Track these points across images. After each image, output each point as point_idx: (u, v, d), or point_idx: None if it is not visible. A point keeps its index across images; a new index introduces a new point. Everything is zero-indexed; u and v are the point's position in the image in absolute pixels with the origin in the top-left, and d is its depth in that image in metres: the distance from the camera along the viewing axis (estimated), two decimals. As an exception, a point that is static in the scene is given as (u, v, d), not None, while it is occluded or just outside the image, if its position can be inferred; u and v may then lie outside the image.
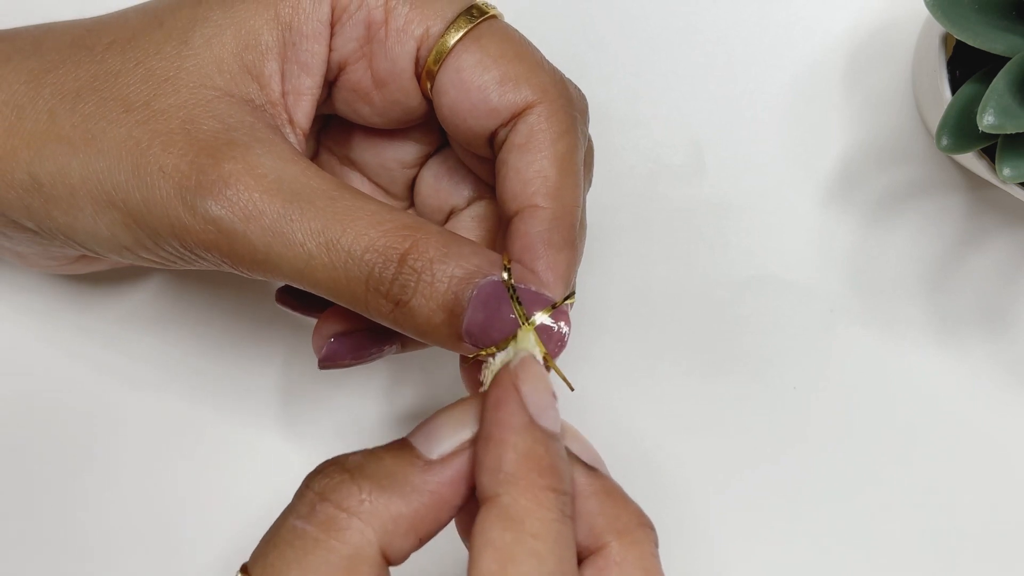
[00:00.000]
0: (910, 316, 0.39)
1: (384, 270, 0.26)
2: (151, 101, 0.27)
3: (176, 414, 0.38)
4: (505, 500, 0.24)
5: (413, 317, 0.27)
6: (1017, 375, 0.39)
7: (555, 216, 0.29)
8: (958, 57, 0.34)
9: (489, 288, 0.26)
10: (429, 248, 0.26)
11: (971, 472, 0.39)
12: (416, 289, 0.26)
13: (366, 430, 0.38)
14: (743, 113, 0.39)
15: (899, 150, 0.39)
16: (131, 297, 0.38)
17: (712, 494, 0.38)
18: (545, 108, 0.29)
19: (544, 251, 0.28)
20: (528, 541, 0.23)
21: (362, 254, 0.26)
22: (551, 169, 0.29)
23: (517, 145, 0.29)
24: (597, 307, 0.39)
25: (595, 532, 0.25)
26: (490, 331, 0.27)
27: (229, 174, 0.26)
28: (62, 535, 0.37)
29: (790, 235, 0.39)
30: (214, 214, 0.26)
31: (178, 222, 0.27)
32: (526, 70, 0.29)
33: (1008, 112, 0.30)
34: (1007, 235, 0.39)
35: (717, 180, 0.39)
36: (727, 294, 0.39)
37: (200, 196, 0.26)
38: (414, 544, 0.25)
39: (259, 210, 0.26)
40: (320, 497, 0.24)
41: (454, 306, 0.27)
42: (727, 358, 0.39)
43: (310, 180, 0.27)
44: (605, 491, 0.26)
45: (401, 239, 0.26)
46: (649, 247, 0.39)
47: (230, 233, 0.26)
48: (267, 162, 0.27)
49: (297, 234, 0.26)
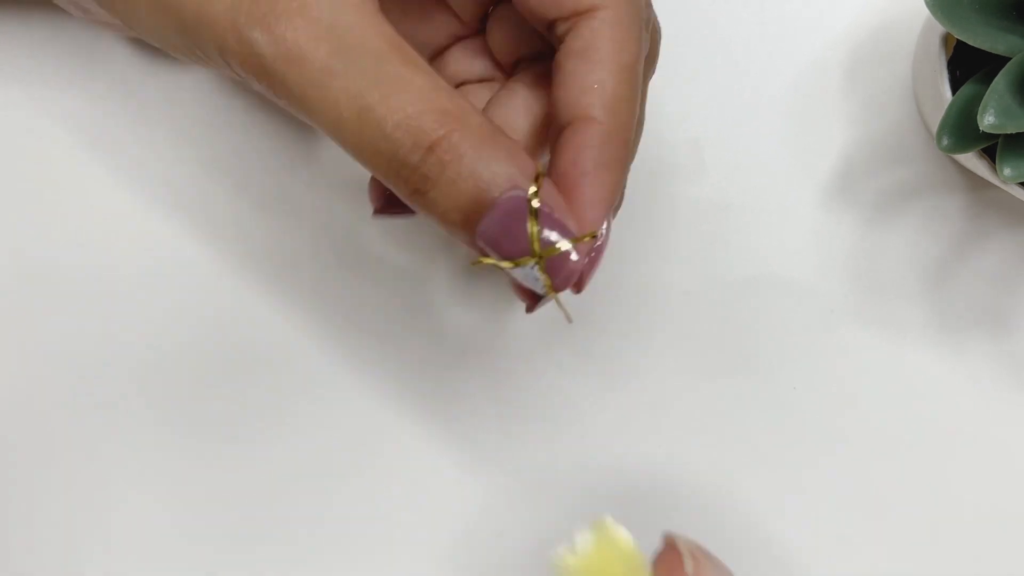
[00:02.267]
0: (910, 316, 0.39)
1: (411, 153, 0.25)
2: None
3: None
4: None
5: (429, 208, 0.26)
6: (1017, 375, 0.39)
7: (610, 132, 0.27)
8: (958, 57, 0.34)
9: (510, 203, 0.26)
10: (463, 141, 0.25)
11: (971, 472, 0.39)
12: (437, 182, 0.25)
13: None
14: (743, 112, 0.39)
15: (899, 150, 0.39)
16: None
17: (711, 494, 0.38)
18: (610, 15, 0.28)
19: (593, 168, 0.27)
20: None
21: (392, 130, 0.25)
22: (610, 81, 0.27)
23: (577, 51, 0.28)
24: (596, 306, 0.39)
25: None
26: (503, 244, 0.26)
27: (283, 10, 0.25)
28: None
29: (790, 235, 0.39)
30: (259, 48, 0.25)
31: (224, 44, 0.26)
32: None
33: (1008, 112, 0.30)
34: (1007, 235, 0.39)
35: (717, 179, 0.39)
36: (727, 294, 0.39)
37: (249, 24, 0.25)
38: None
39: (302, 56, 0.25)
40: None
41: (471, 211, 0.26)
42: (727, 358, 0.39)
43: (364, 33, 0.25)
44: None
45: (437, 124, 0.25)
46: (649, 246, 0.39)
47: (270, 70, 0.26)
48: (326, 3, 0.25)
49: (334, 91, 0.25)
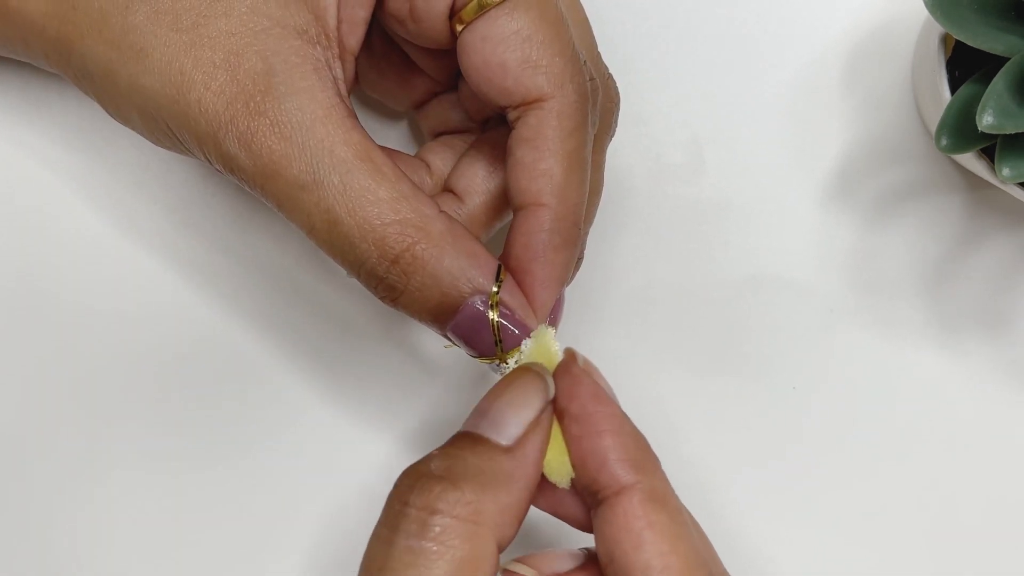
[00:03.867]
0: (910, 316, 0.39)
1: (377, 265, 0.27)
2: (200, 24, 0.28)
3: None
4: (645, 485, 0.26)
5: (400, 309, 0.28)
6: (1017, 375, 0.39)
7: (559, 216, 0.29)
8: (958, 57, 0.34)
9: (472, 312, 0.28)
10: (426, 252, 0.27)
11: (971, 471, 0.39)
12: (404, 291, 0.28)
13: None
14: (743, 112, 0.39)
15: (898, 150, 0.39)
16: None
17: (711, 493, 0.38)
18: (557, 104, 0.29)
19: (543, 252, 0.29)
20: (677, 516, 0.26)
21: (359, 243, 0.27)
22: (558, 168, 0.29)
23: (525, 139, 0.29)
24: (596, 306, 0.39)
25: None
26: (470, 344, 0.29)
27: (257, 128, 0.27)
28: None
29: (790, 235, 0.39)
30: (239, 162, 0.28)
31: (208, 151, 0.28)
32: (548, 57, 0.29)
33: (1007, 112, 0.30)
34: (1006, 235, 0.39)
35: (717, 179, 0.39)
36: (727, 294, 0.39)
37: (228, 141, 0.27)
38: (517, 528, 0.26)
39: (276, 171, 0.27)
40: (428, 511, 0.24)
41: (439, 312, 0.28)
42: (727, 358, 0.39)
43: (332, 146, 0.27)
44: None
45: (400, 236, 0.27)
46: (649, 246, 0.39)
47: (249, 180, 0.28)
48: (296, 119, 0.27)
49: (306, 204, 0.27)
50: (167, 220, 0.38)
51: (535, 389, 0.27)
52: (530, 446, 0.26)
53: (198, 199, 0.38)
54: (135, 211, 0.38)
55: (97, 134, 0.38)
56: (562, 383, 0.28)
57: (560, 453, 0.27)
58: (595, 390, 0.27)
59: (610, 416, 0.27)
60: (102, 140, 0.38)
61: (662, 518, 0.25)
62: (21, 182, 0.37)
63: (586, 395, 0.27)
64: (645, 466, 0.26)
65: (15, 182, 0.37)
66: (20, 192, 0.37)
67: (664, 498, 0.26)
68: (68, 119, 0.38)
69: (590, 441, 0.26)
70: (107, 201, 0.38)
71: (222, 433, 0.38)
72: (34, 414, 0.37)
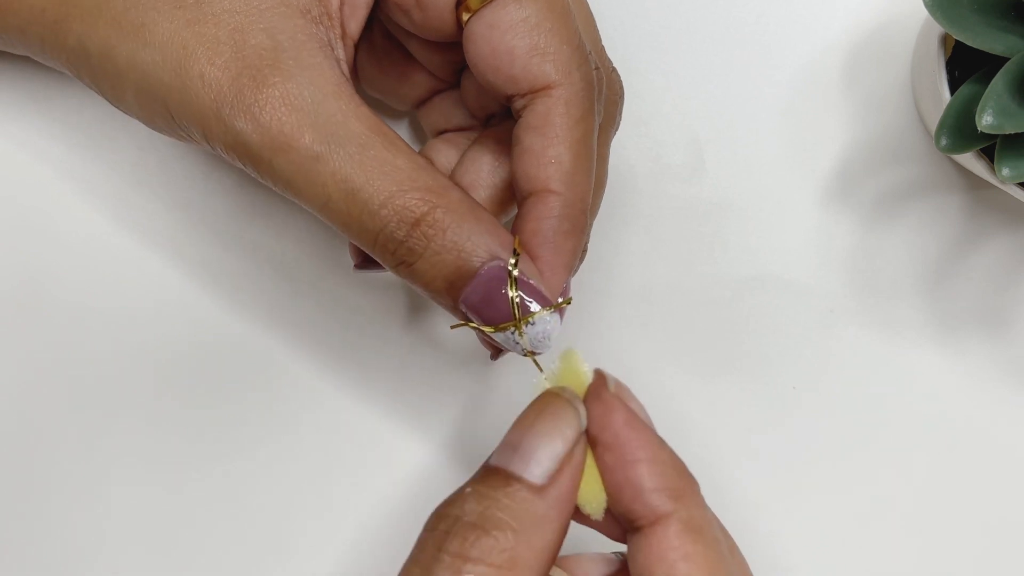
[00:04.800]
0: (910, 316, 0.39)
1: (397, 229, 0.27)
2: (203, 1, 0.27)
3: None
4: (683, 515, 0.25)
5: (414, 277, 0.28)
6: (1017, 375, 0.39)
7: (568, 202, 0.29)
8: (957, 57, 0.34)
9: (493, 272, 0.28)
10: (446, 216, 0.27)
11: (970, 471, 0.39)
12: (423, 254, 0.27)
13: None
14: (743, 112, 0.39)
15: (898, 150, 0.39)
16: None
17: (711, 493, 0.38)
18: (564, 92, 0.29)
19: (553, 237, 0.29)
20: (714, 546, 0.25)
21: (379, 209, 0.27)
22: (566, 156, 0.29)
23: (533, 127, 0.29)
24: (597, 306, 0.39)
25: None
26: (485, 311, 0.28)
27: (266, 100, 0.27)
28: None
29: (790, 235, 0.39)
30: (244, 137, 0.27)
31: (209, 131, 0.27)
32: (556, 45, 0.29)
33: (1007, 112, 0.30)
34: (1006, 235, 0.39)
35: (717, 179, 0.39)
36: (727, 294, 0.39)
37: (234, 115, 0.27)
38: (552, 565, 0.25)
39: (287, 143, 0.27)
40: (462, 559, 0.24)
41: (455, 279, 0.28)
42: (727, 358, 0.39)
43: (347, 119, 0.27)
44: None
45: (420, 202, 0.27)
46: (649, 246, 0.39)
47: (256, 156, 0.27)
48: (307, 93, 0.27)
49: (321, 176, 0.27)
50: (168, 217, 0.38)
51: (566, 419, 0.26)
52: (563, 483, 0.25)
53: (199, 195, 0.38)
54: (136, 208, 0.38)
55: (97, 130, 0.38)
56: (594, 411, 0.26)
57: (594, 482, 0.26)
58: (628, 416, 0.26)
59: (645, 444, 0.26)
60: (102, 136, 0.38)
61: (698, 549, 0.25)
62: (22, 179, 0.37)
63: (619, 423, 0.26)
64: (683, 494, 0.25)
65: (16, 179, 0.37)
66: (21, 190, 0.37)
67: (701, 528, 0.25)
68: (69, 116, 0.38)
69: (624, 471, 0.25)
70: (108, 198, 0.38)
71: (225, 430, 0.38)
72: (35, 413, 0.37)
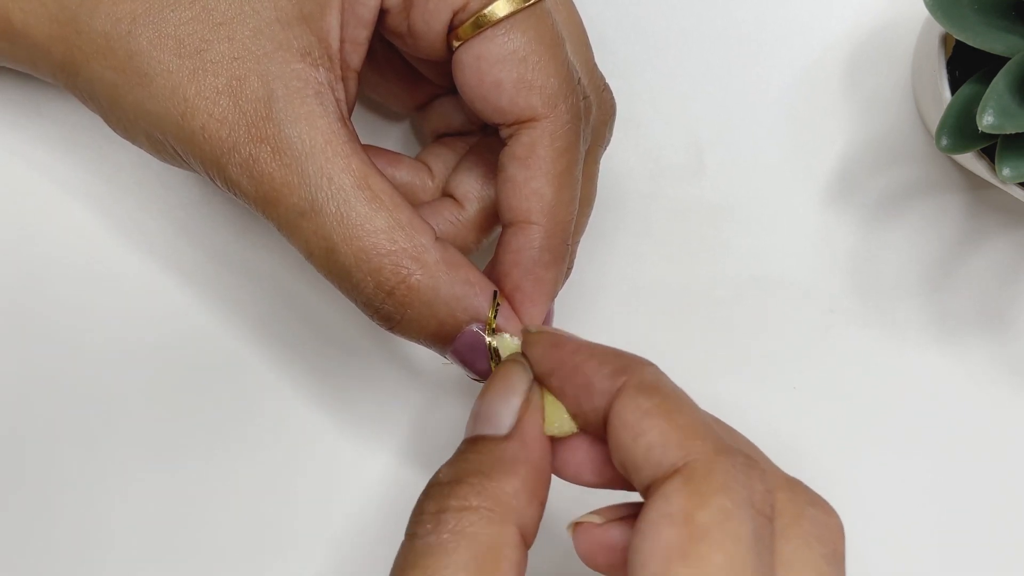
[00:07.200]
0: (910, 316, 0.39)
1: (373, 296, 0.28)
2: (203, 49, 0.28)
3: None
4: (632, 381, 0.25)
5: (398, 334, 0.29)
6: (1017, 375, 0.39)
7: (548, 233, 0.30)
8: (958, 57, 0.34)
9: (470, 339, 0.29)
10: (421, 283, 0.28)
11: (971, 471, 0.39)
12: (401, 320, 0.29)
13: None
14: (743, 113, 0.39)
15: (899, 150, 0.39)
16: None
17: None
18: (550, 124, 0.29)
19: (533, 268, 0.30)
20: (672, 395, 0.26)
21: (355, 272, 0.28)
22: (548, 188, 0.30)
23: (518, 157, 0.30)
24: (596, 306, 0.39)
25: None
26: (470, 367, 0.29)
27: (259, 154, 0.28)
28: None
29: (790, 235, 0.39)
30: (241, 188, 0.28)
31: (211, 173, 0.29)
32: (543, 79, 0.29)
33: (1008, 112, 0.30)
34: (1007, 235, 0.39)
35: (717, 180, 0.39)
36: (727, 294, 0.39)
37: (231, 166, 0.28)
38: (538, 510, 0.26)
39: (276, 199, 0.28)
40: (440, 511, 0.24)
41: (438, 337, 0.29)
42: (727, 358, 0.39)
43: (332, 173, 0.28)
44: None
45: (395, 271, 0.28)
46: (649, 247, 0.39)
47: (252, 203, 0.28)
48: (297, 146, 0.28)
49: (304, 231, 0.28)
50: (167, 225, 0.38)
51: (516, 374, 0.28)
52: (527, 427, 0.26)
53: (198, 204, 0.38)
54: (135, 215, 0.38)
55: (98, 136, 0.38)
56: (531, 355, 0.28)
57: (559, 412, 0.27)
58: (554, 339, 0.28)
59: (575, 350, 0.27)
60: (103, 142, 0.38)
61: (654, 401, 0.25)
62: (21, 186, 0.37)
63: (548, 347, 0.28)
64: (627, 367, 0.26)
65: (15, 186, 0.37)
66: (20, 196, 0.37)
67: (654, 386, 0.25)
68: (68, 123, 0.37)
69: (571, 381, 0.27)
70: (107, 205, 0.38)
71: (216, 439, 0.38)
72: (32, 418, 0.37)
